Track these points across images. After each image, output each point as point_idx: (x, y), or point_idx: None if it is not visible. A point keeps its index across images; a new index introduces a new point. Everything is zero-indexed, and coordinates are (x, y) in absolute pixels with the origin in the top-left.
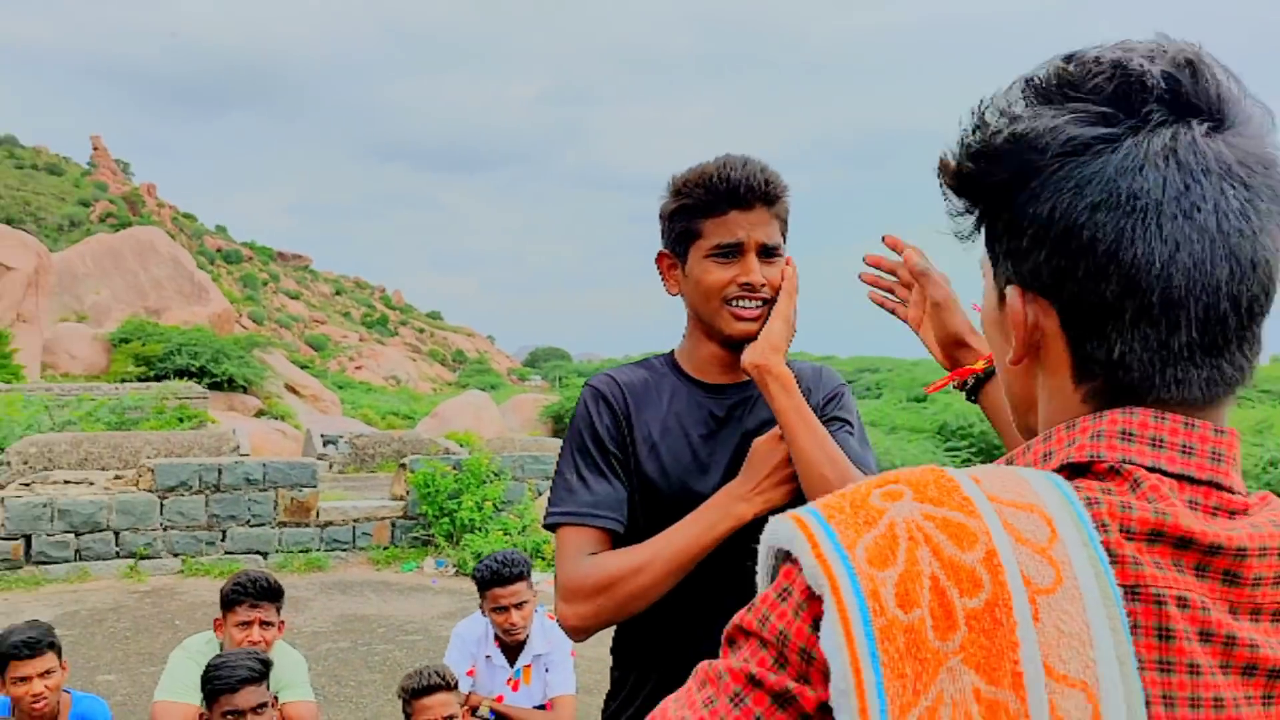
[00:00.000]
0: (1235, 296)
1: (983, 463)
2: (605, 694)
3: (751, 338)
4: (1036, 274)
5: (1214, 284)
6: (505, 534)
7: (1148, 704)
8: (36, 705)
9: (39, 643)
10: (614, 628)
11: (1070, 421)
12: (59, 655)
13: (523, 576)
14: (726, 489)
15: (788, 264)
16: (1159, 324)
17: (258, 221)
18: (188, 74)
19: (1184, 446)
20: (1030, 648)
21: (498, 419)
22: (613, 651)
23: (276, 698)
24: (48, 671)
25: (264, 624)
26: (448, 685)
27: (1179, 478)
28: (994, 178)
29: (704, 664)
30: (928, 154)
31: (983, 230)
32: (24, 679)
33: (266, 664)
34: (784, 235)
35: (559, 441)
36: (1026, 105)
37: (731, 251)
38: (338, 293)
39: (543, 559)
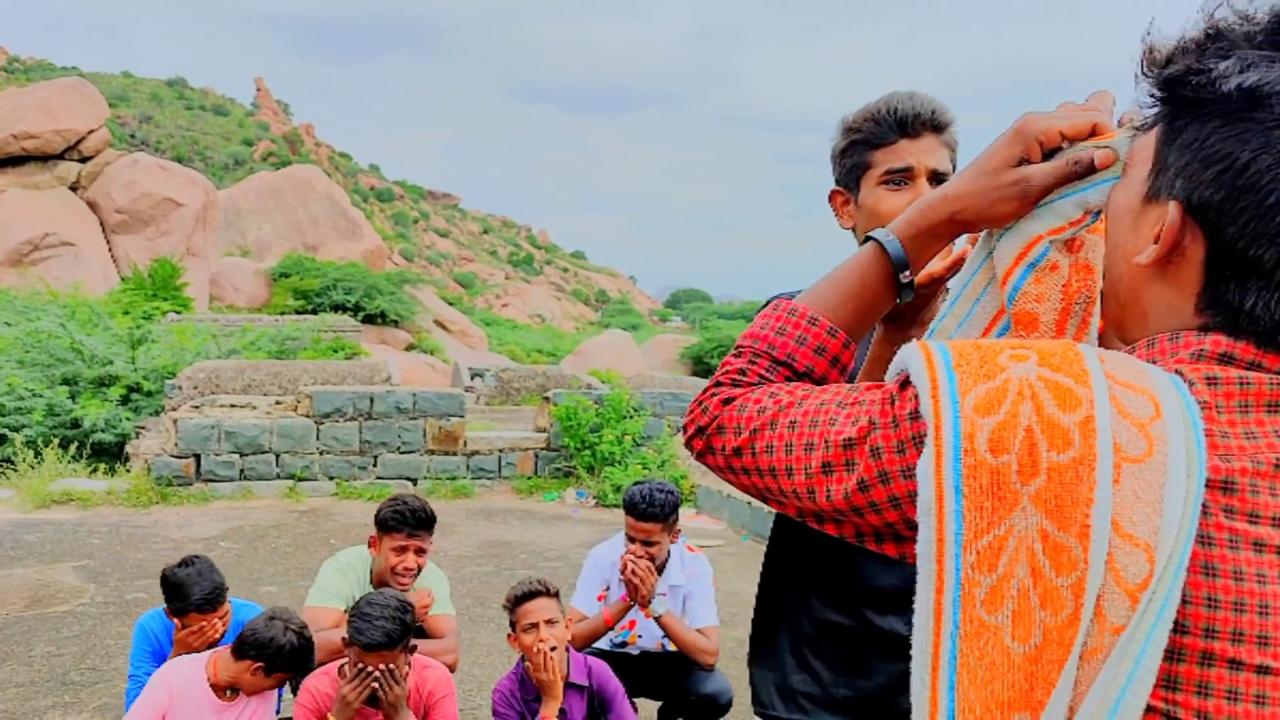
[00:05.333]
0: None
1: None
2: (750, 621)
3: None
4: (1205, 207)
5: None
6: (644, 467)
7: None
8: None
9: (220, 594)
10: (766, 551)
11: (1174, 334)
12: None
13: (658, 519)
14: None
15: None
16: None
17: (409, 161)
18: (345, 18)
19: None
20: (1103, 507)
21: (638, 358)
22: (763, 575)
23: (414, 646)
24: (224, 614)
25: (419, 551)
26: (547, 591)
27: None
28: (1206, 102)
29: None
30: (1084, 95)
31: (1158, 130)
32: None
33: (408, 627)
34: (954, 165)
35: (699, 381)
36: (1265, 44)
37: (902, 178)
38: (485, 231)
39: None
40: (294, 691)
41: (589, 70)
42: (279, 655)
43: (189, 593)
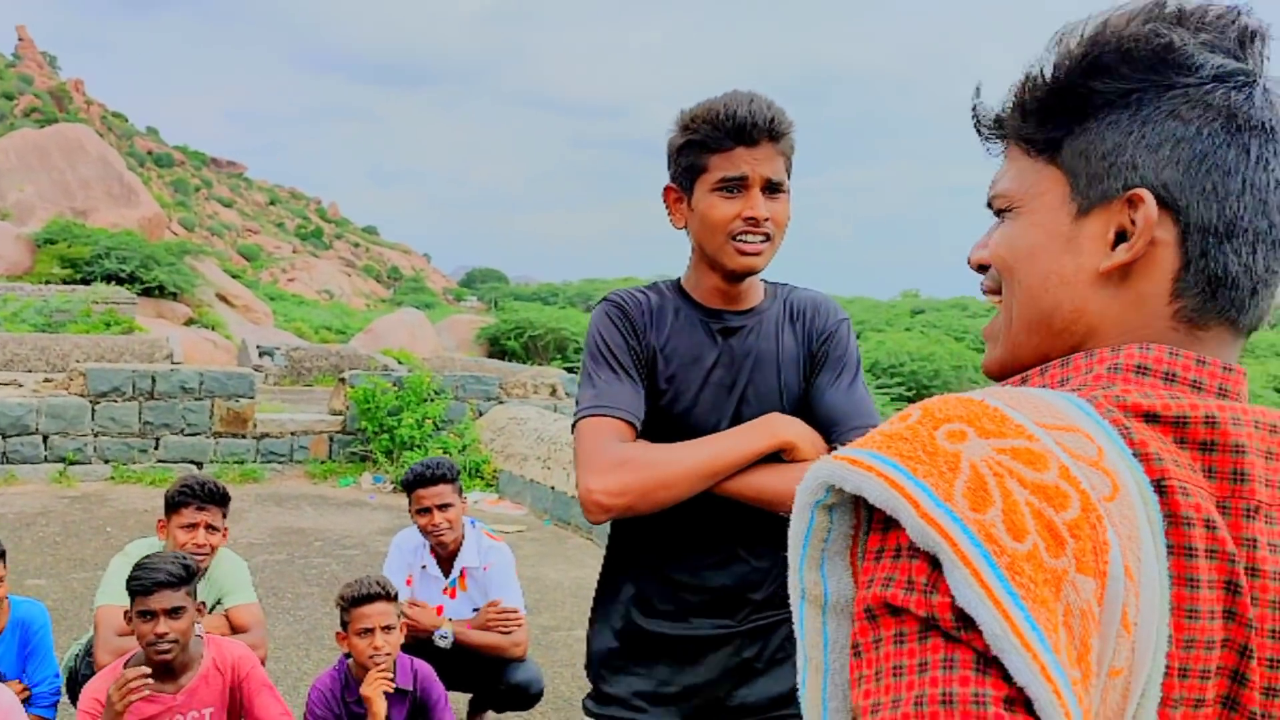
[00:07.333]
0: None
1: (913, 400)
2: (591, 599)
3: (753, 272)
4: (1169, 186)
5: None
6: (445, 452)
7: (1171, 585)
8: None
9: None
10: (609, 541)
11: (1089, 351)
12: (4, 561)
13: (446, 479)
14: (769, 416)
15: None
16: (1275, 246)
17: (191, 126)
18: None
19: (1194, 382)
20: (1115, 550)
21: (433, 338)
22: (605, 560)
23: (204, 604)
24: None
25: (210, 528)
26: (387, 595)
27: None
28: (1125, 83)
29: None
30: (869, 95)
31: (1055, 153)
32: None
33: (190, 570)
34: (789, 171)
35: (500, 364)
36: (1163, 25)
37: (736, 186)
38: (272, 202)
39: (482, 479)
40: (74, 702)
41: (383, 42)
42: None
43: None
